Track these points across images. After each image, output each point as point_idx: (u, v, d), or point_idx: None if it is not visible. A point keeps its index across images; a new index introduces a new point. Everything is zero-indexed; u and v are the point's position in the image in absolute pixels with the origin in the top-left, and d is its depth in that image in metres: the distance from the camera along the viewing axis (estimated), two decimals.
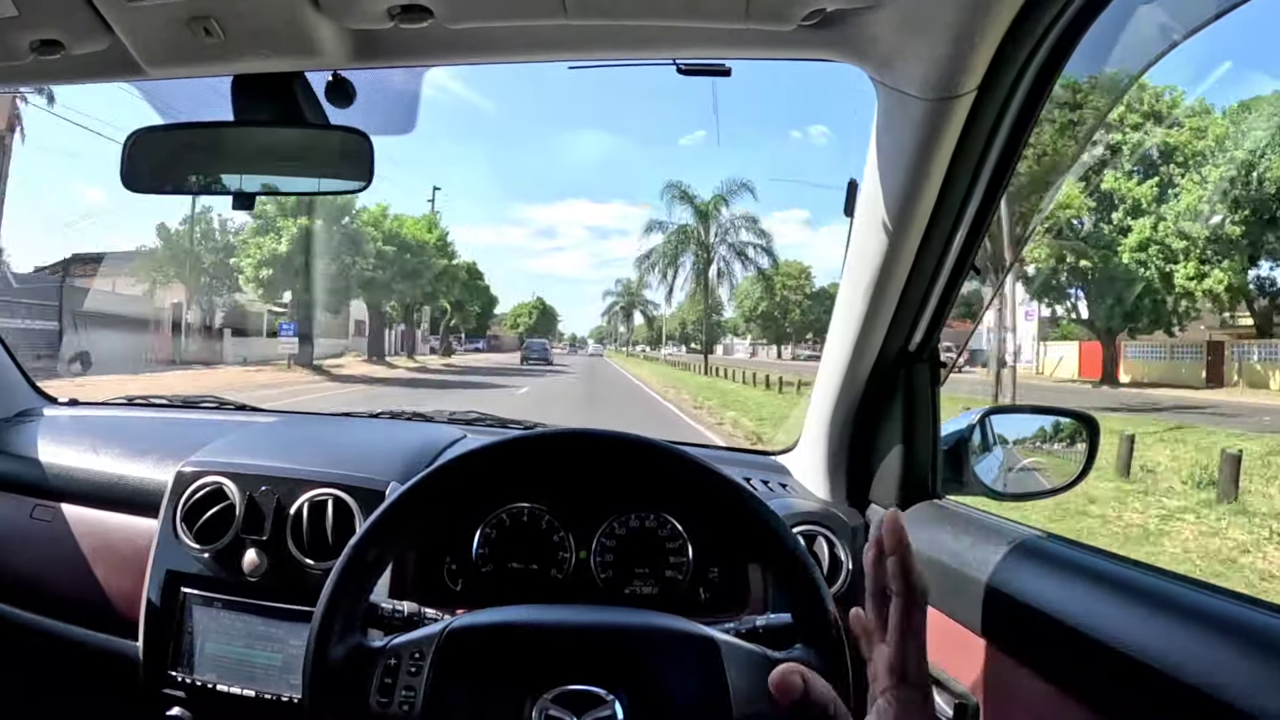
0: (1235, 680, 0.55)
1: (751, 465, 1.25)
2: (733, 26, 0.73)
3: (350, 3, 0.70)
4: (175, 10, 0.72)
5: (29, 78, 0.86)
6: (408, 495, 0.69)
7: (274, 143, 0.88)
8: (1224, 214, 15.18)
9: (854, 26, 0.73)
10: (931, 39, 0.70)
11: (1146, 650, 0.62)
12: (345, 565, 0.65)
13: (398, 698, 0.62)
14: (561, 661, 0.64)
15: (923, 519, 1.00)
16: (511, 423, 1.46)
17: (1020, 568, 0.81)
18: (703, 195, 28.95)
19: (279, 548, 1.03)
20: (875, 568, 0.63)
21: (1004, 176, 0.83)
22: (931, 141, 0.78)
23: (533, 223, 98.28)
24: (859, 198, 0.92)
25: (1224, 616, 0.61)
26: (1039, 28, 0.68)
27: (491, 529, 1.05)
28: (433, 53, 0.82)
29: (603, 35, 0.78)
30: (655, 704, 0.63)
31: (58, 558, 1.18)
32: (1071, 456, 1.11)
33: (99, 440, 1.25)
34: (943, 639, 0.91)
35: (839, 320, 1.02)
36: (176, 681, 1.04)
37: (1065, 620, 0.71)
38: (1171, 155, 16.67)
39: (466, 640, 0.65)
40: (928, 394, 1.03)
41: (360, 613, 0.67)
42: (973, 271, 0.94)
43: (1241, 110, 16.08)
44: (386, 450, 1.17)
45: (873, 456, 1.08)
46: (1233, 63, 9.00)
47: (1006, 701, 0.81)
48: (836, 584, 1.05)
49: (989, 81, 0.73)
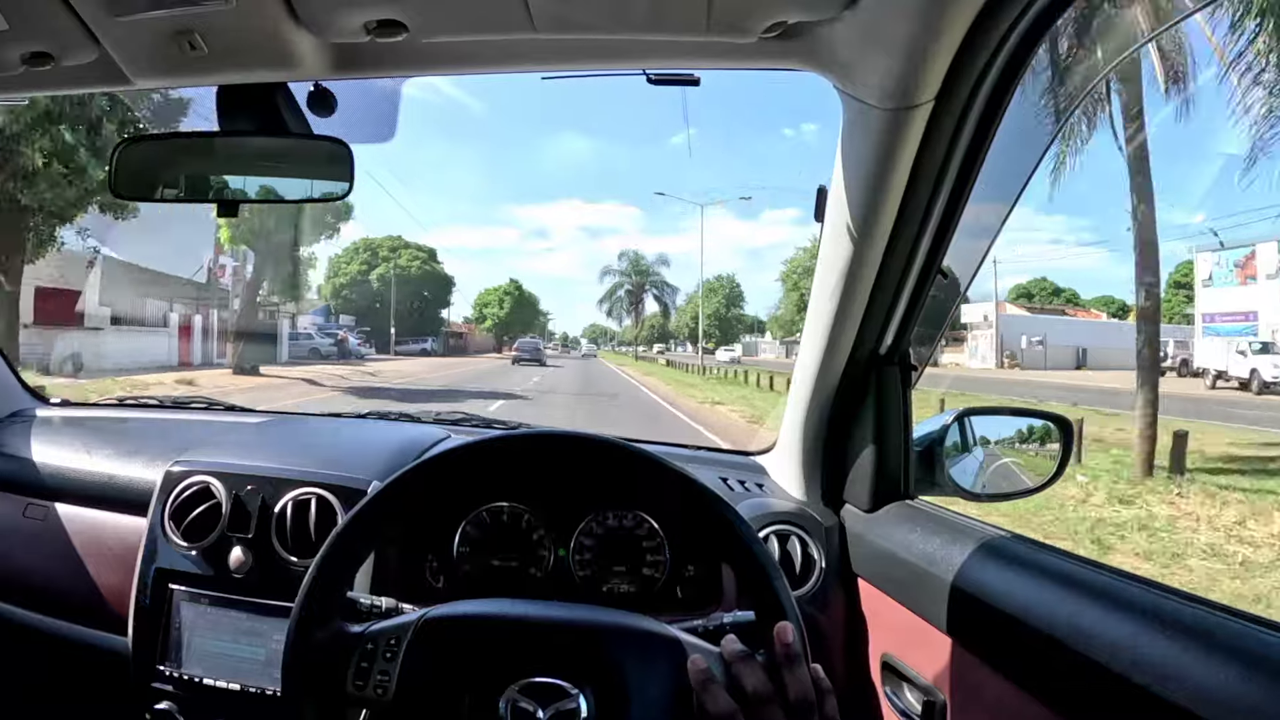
0: (1191, 681, 0.56)
1: (729, 465, 1.27)
2: (697, 39, 0.75)
3: (328, 17, 0.72)
4: (160, 24, 0.74)
5: (19, 88, 0.89)
6: (389, 489, 0.71)
7: (258, 151, 0.90)
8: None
9: (815, 38, 0.75)
10: (889, 51, 0.72)
11: (1106, 651, 0.63)
12: (326, 554, 0.68)
13: (373, 681, 0.64)
14: (531, 654, 0.66)
15: (894, 519, 1.02)
16: (495, 423, 1.48)
17: (987, 568, 0.83)
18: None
19: (264, 545, 1.05)
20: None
21: (967, 185, 0.85)
22: (892, 150, 0.80)
23: (525, 223, 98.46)
24: (828, 204, 0.94)
25: (1182, 620, 0.62)
26: (993, 39, 0.70)
27: (472, 527, 1.07)
28: (409, 64, 0.85)
29: (572, 48, 0.80)
30: (619, 699, 0.64)
31: (50, 556, 1.20)
32: (1046, 456, 1.13)
33: (90, 440, 1.28)
34: (911, 637, 0.93)
35: (811, 324, 1.04)
36: (165, 676, 1.06)
37: (1029, 620, 0.73)
38: None
39: (440, 629, 0.67)
40: (898, 396, 1.04)
41: (340, 601, 0.69)
42: (941, 277, 0.96)
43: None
44: (370, 450, 1.19)
45: (846, 457, 1.10)
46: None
47: (972, 699, 0.83)
48: (810, 583, 1.06)
49: (946, 92, 0.75)
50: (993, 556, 0.84)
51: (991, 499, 1.16)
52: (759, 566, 0.68)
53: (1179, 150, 27.31)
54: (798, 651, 0.64)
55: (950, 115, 0.77)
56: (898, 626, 0.96)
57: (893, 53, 0.72)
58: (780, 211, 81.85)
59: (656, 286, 46.09)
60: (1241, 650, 0.56)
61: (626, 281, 47.03)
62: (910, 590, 0.94)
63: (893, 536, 0.99)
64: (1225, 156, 16.21)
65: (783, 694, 0.63)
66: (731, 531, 0.70)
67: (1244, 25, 5.17)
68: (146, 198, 0.93)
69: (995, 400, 8.00)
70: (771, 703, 0.63)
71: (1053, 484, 1.10)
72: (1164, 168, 29.58)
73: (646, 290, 46.67)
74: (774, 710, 0.62)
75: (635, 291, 46.23)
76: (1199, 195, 25.01)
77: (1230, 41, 5.38)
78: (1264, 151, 7.02)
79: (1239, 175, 8.00)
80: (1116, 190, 22.21)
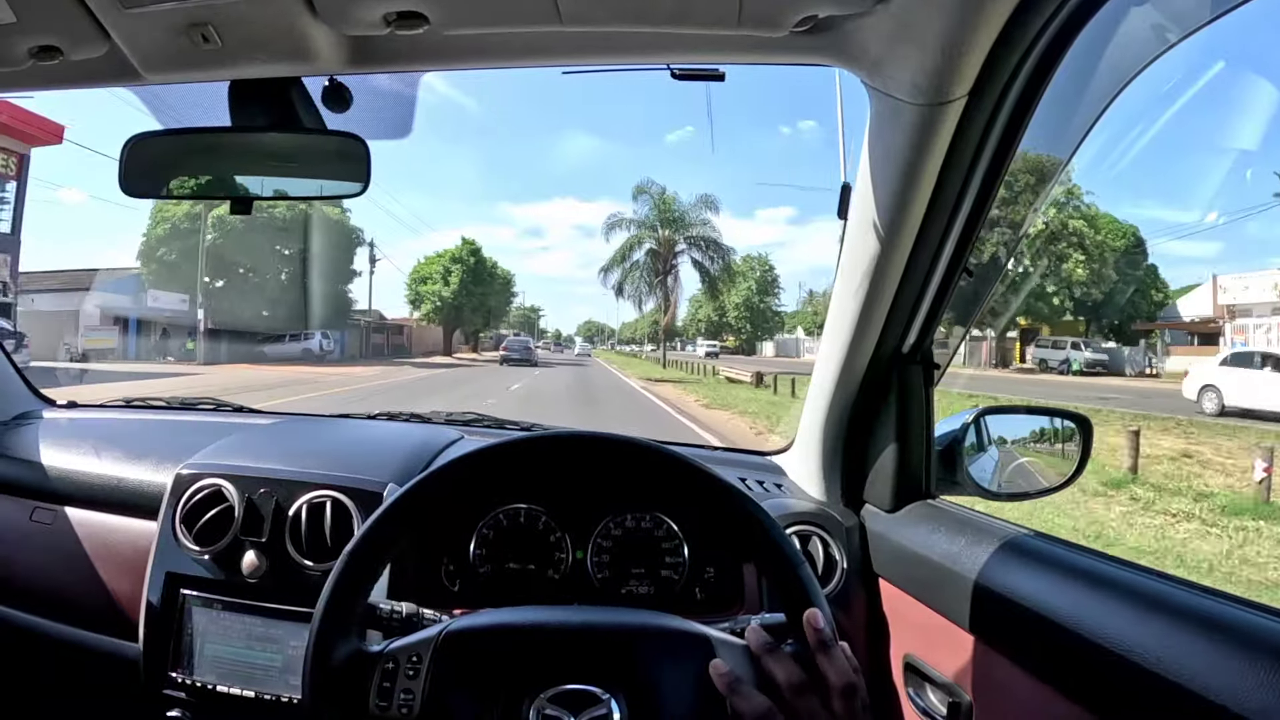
0: (1222, 679, 0.56)
1: (747, 466, 1.26)
2: (725, 33, 0.74)
3: (346, 9, 0.71)
4: (173, 17, 0.72)
5: (28, 83, 0.87)
6: (404, 499, 0.69)
7: (271, 147, 0.88)
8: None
9: (845, 33, 0.74)
10: (922, 46, 0.70)
11: (1137, 649, 0.63)
12: (343, 570, 0.66)
13: (396, 700, 0.63)
14: (558, 662, 0.65)
15: (917, 519, 1.01)
16: (509, 424, 1.47)
17: (1013, 567, 0.82)
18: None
19: (278, 549, 1.04)
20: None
21: (996, 181, 0.84)
22: (923, 146, 0.79)
23: (520, 221, 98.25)
24: (852, 200, 0.93)
25: (1212, 616, 0.61)
26: (1029, 34, 0.69)
27: (489, 530, 1.06)
28: (428, 58, 0.83)
29: (597, 41, 0.79)
30: (652, 703, 0.63)
31: (58, 560, 1.18)
32: (1065, 456, 1.12)
33: (98, 443, 1.26)
34: (934, 637, 0.92)
35: (833, 321, 1.03)
36: (176, 682, 1.05)
37: (1057, 619, 0.72)
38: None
39: (463, 642, 0.66)
40: (921, 395, 1.03)
41: (358, 615, 0.68)
42: (966, 275, 0.95)
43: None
44: (384, 452, 1.17)
45: (867, 457, 1.09)
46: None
47: (999, 699, 0.82)
48: (831, 584, 1.06)
49: (980, 87, 0.74)
50: (1018, 555, 0.83)
51: (1011, 498, 1.15)
52: (788, 562, 0.67)
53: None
54: (830, 637, 0.63)
55: (983, 111, 0.76)
56: (920, 627, 0.96)
57: (926, 48, 0.70)
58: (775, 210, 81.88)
59: (699, 245, 26.85)
60: (1278, 647, 0.55)
61: (649, 239, 27.24)
62: (933, 590, 0.93)
63: (915, 536, 0.98)
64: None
65: (821, 681, 0.62)
66: (759, 529, 0.69)
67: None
68: (156, 195, 0.91)
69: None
70: (808, 691, 0.62)
71: (1072, 483, 1.09)
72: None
73: (682, 253, 27.03)
74: (811, 699, 0.61)
75: (663, 254, 26.65)
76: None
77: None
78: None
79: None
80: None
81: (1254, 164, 14.21)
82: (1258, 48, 6.28)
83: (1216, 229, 24.62)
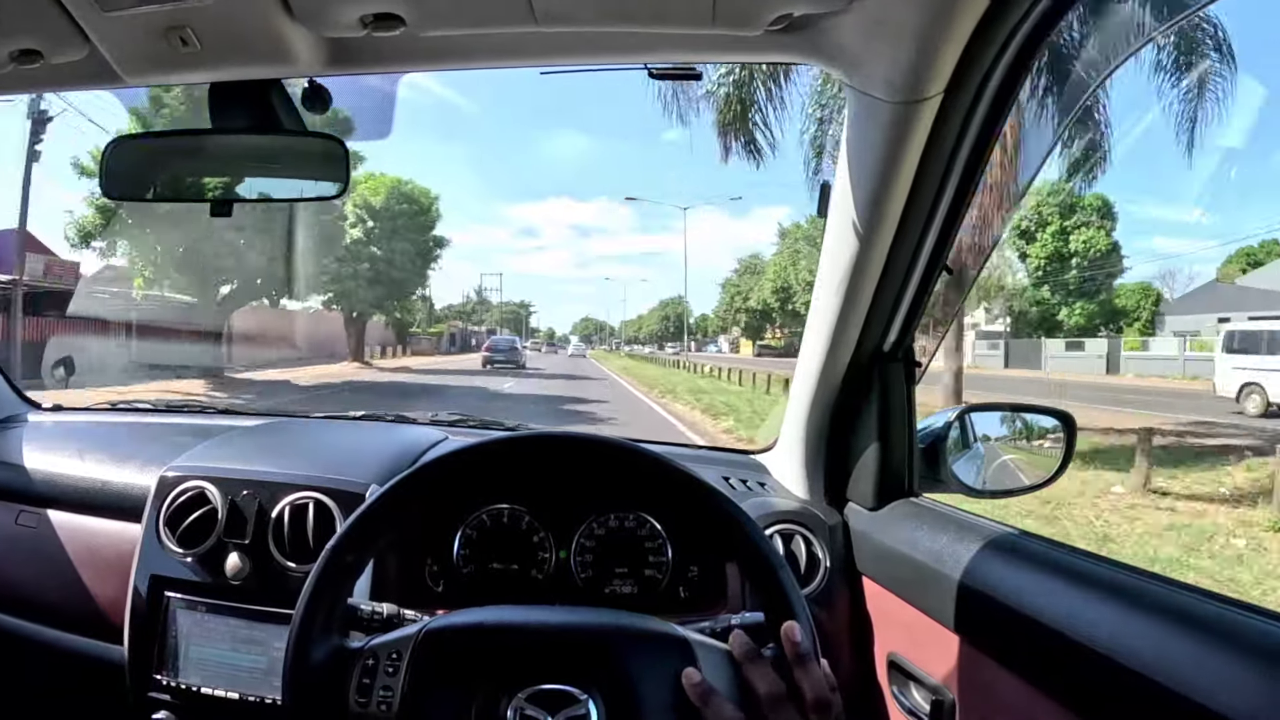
0: (1206, 678, 0.55)
1: (730, 464, 1.26)
2: (701, 31, 0.74)
3: (323, 11, 0.71)
4: (152, 20, 0.72)
5: (9, 86, 0.87)
6: (385, 497, 0.69)
7: (252, 149, 0.88)
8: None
9: (820, 31, 0.74)
10: (896, 43, 0.71)
11: (1120, 648, 0.63)
12: (323, 567, 0.66)
13: (376, 697, 0.63)
14: (536, 661, 0.65)
15: (899, 517, 1.01)
16: (493, 424, 1.47)
17: (995, 565, 0.82)
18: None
19: (261, 551, 1.04)
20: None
21: (974, 179, 0.84)
22: (900, 144, 0.79)
23: (514, 221, 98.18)
24: (832, 198, 0.93)
25: (1196, 615, 0.62)
26: (1003, 32, 0.69)
27: (472, 530, 1.06)
28: (406, 60, 0.83)
29: (573, 42, 0.79)
30: (629, 703, 0.63)
31: (43, 564, 1.18)
32: (1048, 453, 1.12)
33: (83, 446, 1.26)
34: (918, 635, 0.92)
35: (814, 320, 1.03)
36: (161, 685, 1.04)
37: (1039, 617, 0.72)
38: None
39: (442, 640, 0.66)
40: (903, 393, 1.03)
41: (339, 614, 0.68)
42: (946, 273, 0.95)
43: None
44: (367, 453, 1.17)
45: (850, 455, 1.09)
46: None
47: (982, 697, 0.82)
48: (814, 582, 1.06)
49: (955, 85, 0.74)
50: (1001, 553, 0.84)
51: (995, 495, 1.16)
52: (768, 565, 0.67)
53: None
54: (807, 650, 0.63)
55: (959, 108, 0.76)
56: (904, 625, 0.96)
57: (901, 45, 0.71)
58: (772, 209, 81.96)
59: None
60: (1261, 647, 0.56)
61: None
62: (917, 588, 0.93)
63: (898, 534, 0.98)
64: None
65: (797, 694, 0.62)
66: (739, 530, 0.69)
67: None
68: (137, 198, 0.91)
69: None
70: (785, 703, 0.62)
71: (1056, 480, 1.10)
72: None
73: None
74: (789, 710, 0.62)
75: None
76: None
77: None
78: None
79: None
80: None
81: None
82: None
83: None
